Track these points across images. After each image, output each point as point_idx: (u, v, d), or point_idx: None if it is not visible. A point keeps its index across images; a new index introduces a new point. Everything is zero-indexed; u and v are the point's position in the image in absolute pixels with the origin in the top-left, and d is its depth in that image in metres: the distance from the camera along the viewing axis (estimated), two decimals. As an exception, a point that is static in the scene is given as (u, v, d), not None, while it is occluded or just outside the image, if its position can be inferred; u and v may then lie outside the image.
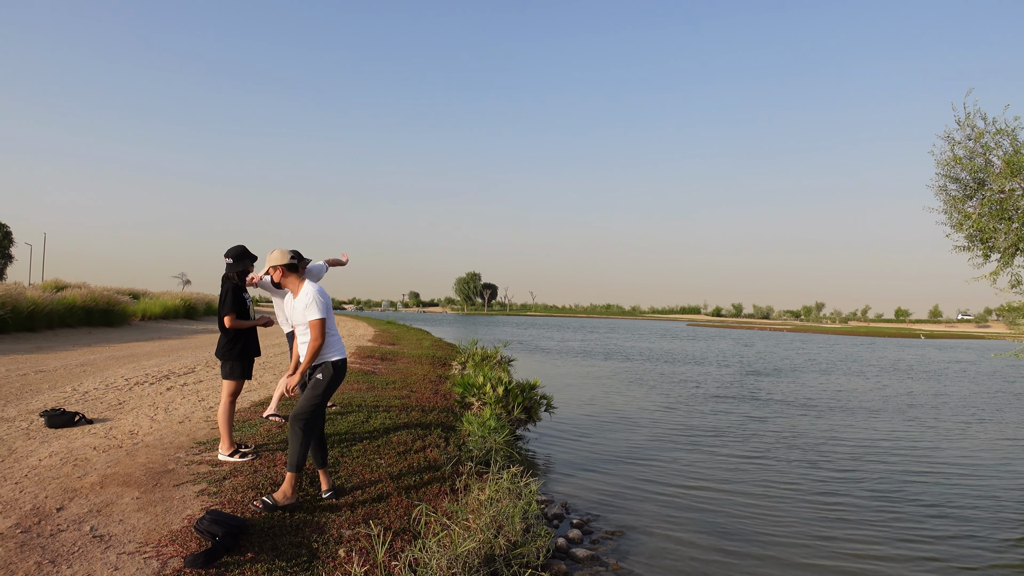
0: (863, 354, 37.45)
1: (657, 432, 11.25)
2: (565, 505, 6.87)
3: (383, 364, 14.23)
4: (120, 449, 5.74)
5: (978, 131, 9.25)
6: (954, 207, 9.70)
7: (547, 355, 29.44)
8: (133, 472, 5.05)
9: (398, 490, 5.20)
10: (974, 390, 19.51)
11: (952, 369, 27.35)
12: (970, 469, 9.23)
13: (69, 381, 9.54)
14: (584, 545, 5.77)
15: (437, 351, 19.34)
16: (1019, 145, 8.89)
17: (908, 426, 12.64)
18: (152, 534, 3.92)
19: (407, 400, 9.14)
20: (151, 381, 9.89)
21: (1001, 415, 14.52)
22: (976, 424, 13.21)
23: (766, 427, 12.02)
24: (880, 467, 9.16)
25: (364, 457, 5.94)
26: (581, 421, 12.11)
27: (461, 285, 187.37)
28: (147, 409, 7.66)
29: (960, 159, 9.37)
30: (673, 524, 6.48)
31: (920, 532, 6.51)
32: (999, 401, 16.90)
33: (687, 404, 14.80)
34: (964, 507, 7.36)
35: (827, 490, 7.90)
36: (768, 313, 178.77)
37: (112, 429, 6.52)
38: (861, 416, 13.77)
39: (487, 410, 8.11)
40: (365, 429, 6.97)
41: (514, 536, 4.65)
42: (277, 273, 4.80)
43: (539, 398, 9.86)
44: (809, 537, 6.25)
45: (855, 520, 6.79)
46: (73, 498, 4.41)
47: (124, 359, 12.92)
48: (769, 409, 14.32)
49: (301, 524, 4.29)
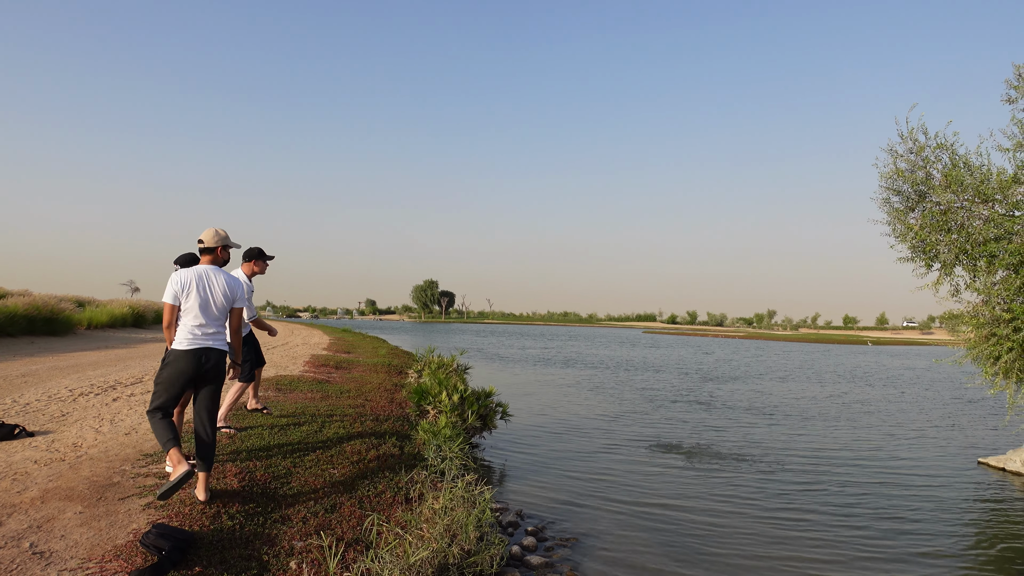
0: (819, 361, 38.41)
1: (614, 440, 11.38)
2: (520, 513, 6.90)
3: (338, 373, 14.08)
4: (63, 462, 5.57)
5: (919, 145, 9.64)
6: (897, 219, 10.07)
7: (504, 363, 29.49)
8: (76, 486, 4.91)
9: (351, 500, 5.17)
10: (929, 396, 20.17)
11: (906, 376, 28.08)
12: (927, 479, 9.45)
13: (9, 392, 9.20)
14: (539, 552, 5.81)
15: (393, 359, 19.22)
16: (957, 159, 9.30)
17: (866, 433, 12.99)
18: (96, 549, 3.82)
19: (362, 409, 9.07)
20: (96, 392, 9.60)
21: (955, 421, 15.08)
22: (931, 431, 13.69)
23: (723, 435, 12.24)
24: (837, 475, 9.38)
25: (317, 467, 5.88)
26: (537, 429, 12.17)
27: (418, 293, 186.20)
28: (92, 421, 7.44)
29: (902, 172, 9.75)
30: (627, 531, 6.57)
31: (879, 544, 6.59)
32: (952, 409, 17.47)
33: (644, 412, 15.00)
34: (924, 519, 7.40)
35: (784, 498, 8.05)
36: (722, 321, 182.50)
37: (54, 442, 6.32)
38: (819, 423, 14.13)
39: (442, 418, 8.11)
40: (318, 439, 6.91)
41: (468, 544, 4.67)
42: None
43: (495, 406, 9.90)
44: (764, 544, 6.37)
45: (810, 528, 6.95)
46: (12, 514, 4.27)
47: (68, 369, 12.51)
48: (727, 416, 14.59)
49: (251, 536, 4.23)
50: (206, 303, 4.66)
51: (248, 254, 6.89)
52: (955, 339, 10.61)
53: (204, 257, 4.86)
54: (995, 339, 9.25)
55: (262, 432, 6.95)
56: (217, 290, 4.71)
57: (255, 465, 5.70)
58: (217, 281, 4.74)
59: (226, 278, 4.82)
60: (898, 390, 21.69)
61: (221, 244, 4.87)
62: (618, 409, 15.22)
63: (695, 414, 14.74)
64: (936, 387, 22.95)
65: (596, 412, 14.65)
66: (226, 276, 4.83)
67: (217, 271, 4.80)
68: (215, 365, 4.67)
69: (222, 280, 4.77)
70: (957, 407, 17.44)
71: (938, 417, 15.41)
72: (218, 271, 4.81)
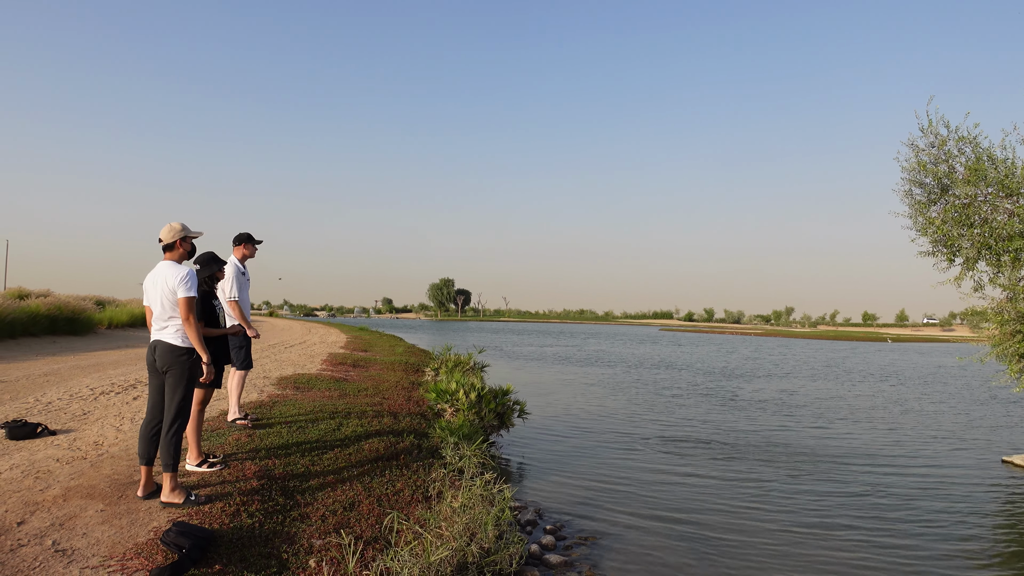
0: (847, 359, 37.80)
1: (633, 438, 11.31)
2: (538, 511, 6.88)
3: (355, 371, 14.12)
4: (84, 460, 5.62)
5: (941, 138, 9.49)
6: (919, 212, 9.92)
7: (522, 361, 29.45)
8: (97, 484, 4.94)
9: (370, 498, 5.16)
10: (951, 393, 19.90)
11: (938, 374, 27.37)
12: (950, 477, 9.28)
13: (32, 391, 9.32)
14: (557, 551, 5.78)
15: (410, 357, 19.25)
16: (980, 152, 9.13)
17: (891, 433, 12.83)
18: (117, 547, 3.84)
19: (379, 407, 9.08)
20: (117, 390, 9.69)
21: (978, 419, 14.85)
22: (954, 429, 13.49)
23: (748, 436, 12.06)
24: (859, 473, 9.26)
25: (335, 465, 5.89)
26: (555, 427, 12.13)
27: (434, 291, 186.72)
28: (113, 419, 7.51)
29: (924, 165, 9.59)
30: (646, 530, 6.52)
31: (903, 546, 6.48)
32: (975, 406, 17.19)
33: (665, 411, 14.91)
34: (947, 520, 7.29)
35: (807, 496, 7.97)
36: (739, 318, 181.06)
37: (76, 440, 6.38)
38: (847, 423, 13.97)
39: (460, 416, 8.10)
40: (336, 437, 6.91)
41: (487, 543, 4.65)
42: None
43: (512, 404, 9.87)
44: (788, 544, 6.29)
45: (835, 528, 6.85)
46: (35, 512, 4.31)
47: (89, 368, 12.65)
48: (752, 416, 14.42)
49: (271, 534, 4.23)
50: (154, 299, 4.70)
51: (237, 239, 7.14)
52: (978, 336, 10.43)
53: (165, 254, 4.81)
54: (1020, 336, 9.08)
55: (280, 430, 6.97)
56: (161, 284, 4.67)
57: (274, 463, 5.71)
58: (161, 274, 4.69)
59: (166, 268, 4.71)
60: (924, 387, 21.39)
61: (179, 236, 4.84)
62: (638, 408, 15.14)
63: (719, 414, 14.60)
64: (960, 384, 22.62)
65: (615, 411, 14.58)
66: (168, 267, 4.72)
67: (166, 265, 4.72)
68: (161, 357, 4.62)
69: (165, 273, 4.69)
70: (980, 405, 17.17)
71: (960, 415, 15.18)
72: (167, 265, 4.72)
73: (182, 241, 4.84)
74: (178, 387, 4.60)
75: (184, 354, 4.63)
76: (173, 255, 4.81)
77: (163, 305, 4.64)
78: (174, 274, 4.64)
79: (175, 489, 4.57)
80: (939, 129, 9.48)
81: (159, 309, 4.66)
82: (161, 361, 4.62)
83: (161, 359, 4.62)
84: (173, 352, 4.62)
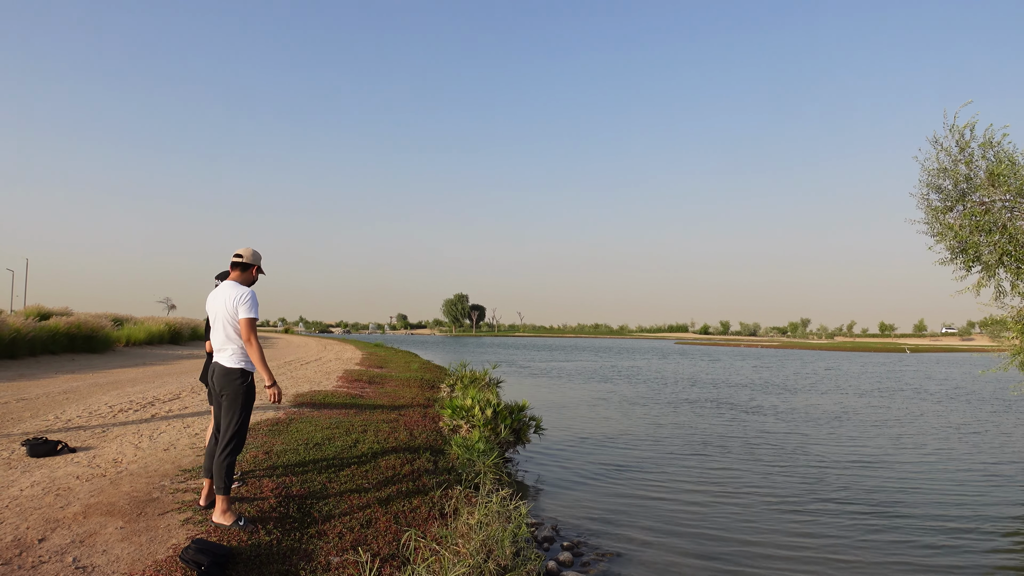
0: (878, 371, 37.28)
1: (652, 454, 11.22)
2: (555, 527, 6.83)
3: (371, 387, 14.15)
4: (104, 478, 5.66)
5: (964, 140, 9.39)
6: (936, 218, 9.81)
7: (537, 377, 29.37)
8: (117, 501, 4.97)
9: (386, 515, 5.15)
10: (973, 404, 19.61)
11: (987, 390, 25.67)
12: (973, 488, 9.16)
13: (52, 409, 9.41)
14: (575, 568, 5.73)
15: (425, 373, 19.27)
16: (1003, 155, 9.03)
17: (919, 440, 12.67)
18: (136, 564, 3.86)
19: (395, 424, 9.08)
20: (135, 408, 9.77)
21: (1001, 429, 14.60)
22: (975, 439, 13.27)
23: (774, 453, 11.95)
24: (877, 486, 9.13)
25: (352, 482, 5.89)
26: (572, 443, 12.06)
27: (449, 307, 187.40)
28: (131, 437, 7.56)
29: (945, 167, 9.49)
30: (666, 547, 6.45)
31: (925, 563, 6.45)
32: (996, 416, 16.93)
33: (684, 425, 14.79)
34: (970, 531, 7.25)
35: (832, 513, 7.83)
36: (755, 330, 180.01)
37: (96, 457, 6.43)
38: (864, 437, 13.80)
39: (476, 432, 8.08)
40: (353, 454, 6.92)
41: (504, 560, 4.62)
42: None
43: (528, 420, 9.84)
44: (812, 563, 6.17)
45: (860, 543, 6.72)
46: (55, 528, 4.34)
47: (108, 386, 12.77)
48: (779, 433, 14.27)
49: (288, 552, 4.24)
50: (216, 318, 4.65)
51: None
52: (999, 345, 10.28)
53: (234, 272, 4.78)
54: (1043, 345, 8.94)
55: (297, 448, 6.99)
56: (222, 302, 4.62)
57: (291, 480, 5.72)
58: (225, 294, 4.64)
59: (230, 288, 4.66)
60: (957, 401, 21.07)
61: (258, 261, 4.88)
62: (656, 423, 15.02)
63: (741, 428, 14.47)
64: (982, 394, 22.25)
65: (633, 426, 14.48)
66: (231, 287, 4.67)
67: (230, 285, 4.69)
68: (218, 380, 4.60)
69: (228, 292, 4.64)
70: (1001, 415, 16.88)
71: (984, 424, 14.92)
72: (231, 285, 4.69)
73: (257, 268, 4.88)
74: (231, 410, 4.55)
75: (239, 377, 4.58)
76: (243, 276, 4.79)
77: (224, 325, 4.60)
78: (237, 294, 4.59)
79: (226, 512, 4.53)
80: (963, 132, 9.37)
81: (220, 329, 4.62)
82: (218, 384, 4.60)
83: (218, 382, 4.60)
84: (229, 375, 4.57)
